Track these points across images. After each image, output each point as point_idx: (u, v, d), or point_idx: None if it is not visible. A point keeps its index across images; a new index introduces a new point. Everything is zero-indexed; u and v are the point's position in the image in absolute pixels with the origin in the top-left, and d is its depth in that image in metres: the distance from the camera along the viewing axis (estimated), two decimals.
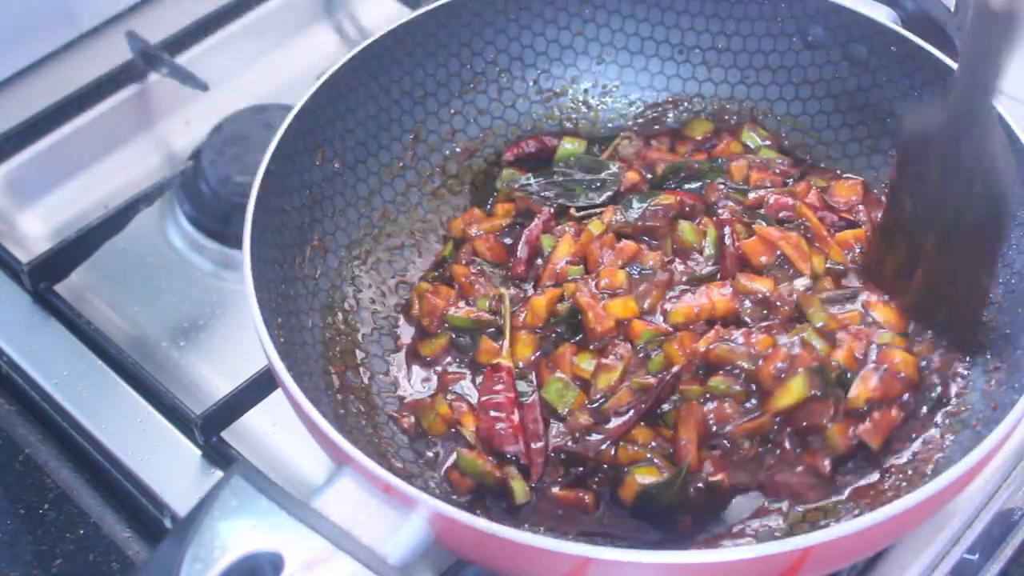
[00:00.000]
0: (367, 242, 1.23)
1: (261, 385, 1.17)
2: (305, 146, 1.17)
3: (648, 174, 1.27)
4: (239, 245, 1.05)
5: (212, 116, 1.45)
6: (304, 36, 1.61)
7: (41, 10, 1.53)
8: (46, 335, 1.27)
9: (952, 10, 1.26)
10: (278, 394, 1.11)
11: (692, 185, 1.24)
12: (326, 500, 0.89)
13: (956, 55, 1.11)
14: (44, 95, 1.47)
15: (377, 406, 1.12)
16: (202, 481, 1.15)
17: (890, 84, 1.24)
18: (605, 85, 1.35)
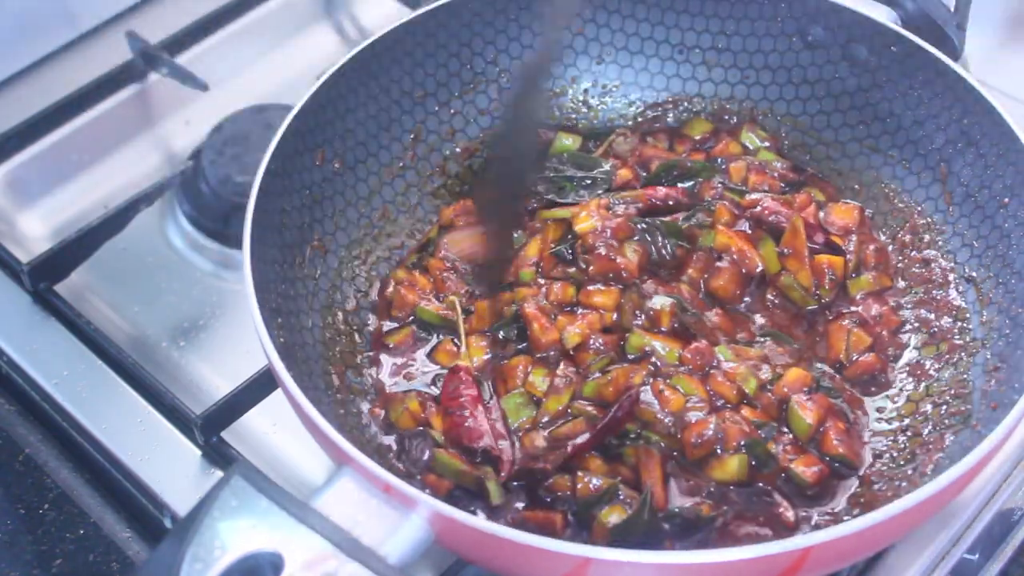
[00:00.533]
0: (367, 242, 1.23)
1: (261, 385, 1.17)
2: (305, 146, 1.17)
3: (643, 172, 1.27)
4: (239, 245, 1.05)
5: (212, 116, 1.45)
6: (304, 36, 1.61)
7: (41, 10, 1.53)
8: (46, 335, 1.27)
9: (952, 10, 1.26)
10: (278, 394, 1.11)
11: (686, 184, 1.24)
12: (326, 500, 0.89)
13: (956, 55, 1.11)
14: (44, 95, 1.47)
15: None
16: (202, 481, 1.15)
17: (890, 84, 1.24)
18: (605, 85, 1.35)
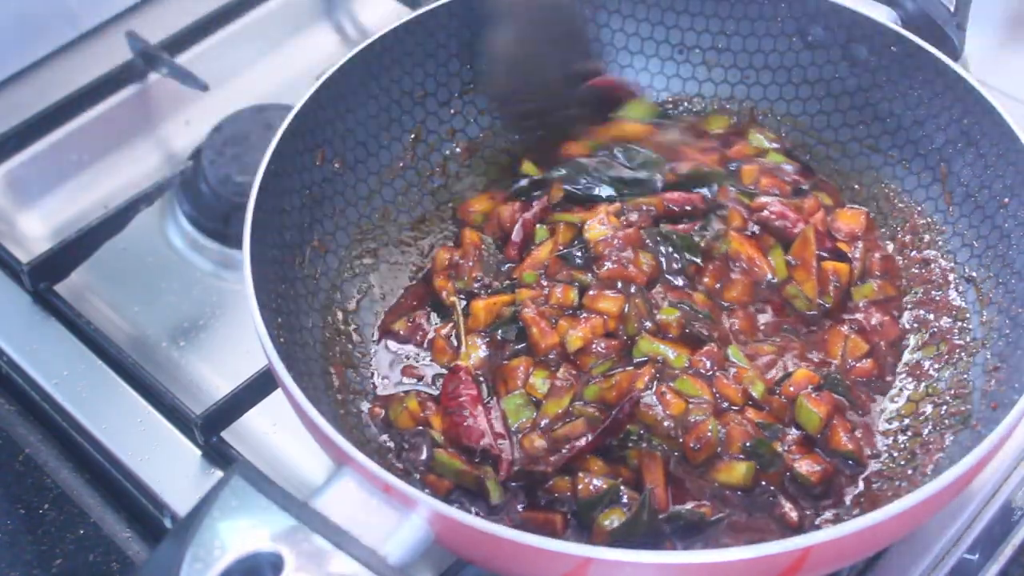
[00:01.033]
0: (367, 242, 1.23)
1: (261, 385, 1.17)
2: (305, 146, 1.17)
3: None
4: (239, 245, 1.05)
5: (212, 116, 1.45)
6: (304, 36, 1.61)
7: (41, 10, 1.53)
8: (46, 335, 1.27)
9: (952, 10, 1.26)
10: (278, 394, 1.11)
11: (702, 190, 1.22)
12: (326, 500, 0.89)
13: (956, 55, 1.11)
14: (44, 95, 1.47)
15: None
16: (202, 481, 1.15)
17: (890, 84, 1.24)
18: None
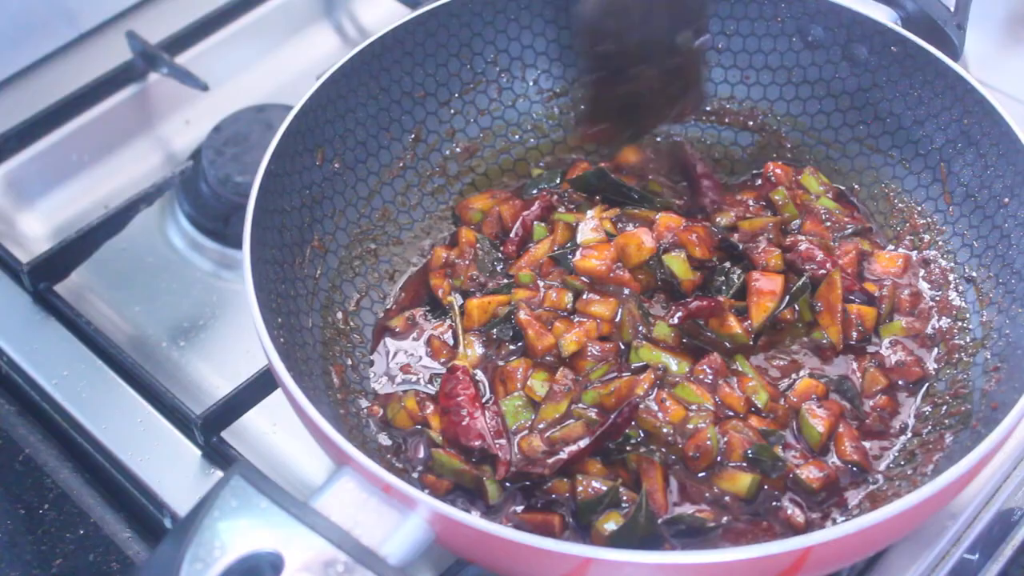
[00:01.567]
0: (367, 242, 1.23)
1: (261, 385, 1.17)
2: (305, 146, 1.17)
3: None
4: (239, 245, 1.05)
5: (212, 116, 1.45)
6: (304, 36, 1.61)
7: (41, 10, 1.53)
8: (46, 335, 1.27)
9: (952, 10, 1.26)
10: (278, 394, 1.11)
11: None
12: (326, 500, 0.89)
13: (956, 55, 1.11)
14: (44, 95, 1.47)
15: None
16: (202, 481, 1.15)
17: (890, 84, 1.24)
18: None
